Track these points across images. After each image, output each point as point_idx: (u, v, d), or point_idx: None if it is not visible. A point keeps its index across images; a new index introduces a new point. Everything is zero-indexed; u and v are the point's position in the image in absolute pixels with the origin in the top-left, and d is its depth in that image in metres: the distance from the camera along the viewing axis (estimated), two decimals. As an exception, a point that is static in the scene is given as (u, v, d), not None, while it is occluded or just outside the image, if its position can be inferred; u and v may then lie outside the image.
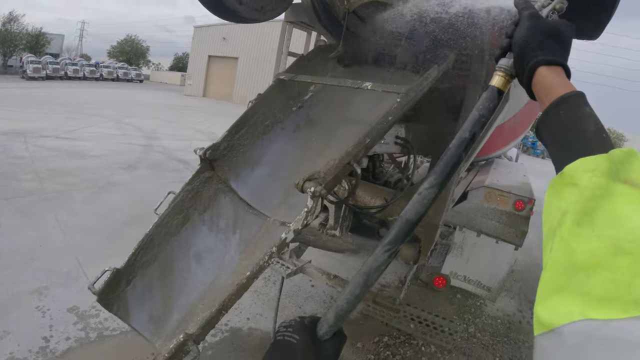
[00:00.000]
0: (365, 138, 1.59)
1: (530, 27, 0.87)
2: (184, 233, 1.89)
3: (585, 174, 0.59)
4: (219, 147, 2.05)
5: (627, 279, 0.47)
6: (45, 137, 10.11)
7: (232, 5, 2.76)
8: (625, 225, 0.51)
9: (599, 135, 0.68)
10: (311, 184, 1.39)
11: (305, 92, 2.40)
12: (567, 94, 0.75)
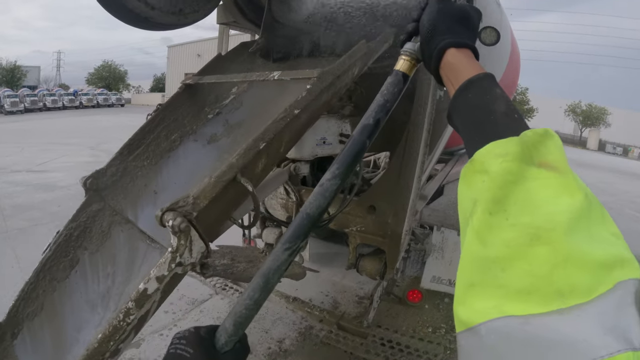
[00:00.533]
0: (258, 143, 1.25)
1: (439, 10, 0.85)
2: (73, 277, 1.62)
3: (496, 159, 0.55)
4: (105, 173, 1.76)
5: (546, 270, 0.44)
6: (15, 172, 9.93)
7: (142, 12, 2.46)
8: (541, 212, 0.48)
9: (511, 117, 0.64)
10: (172, 215, 1.07)
11: (226, 96, 2.07)
12: (476, 76, 0.72)
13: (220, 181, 1.17)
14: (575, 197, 0.48)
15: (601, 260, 0.43)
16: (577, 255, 0.43)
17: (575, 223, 0.46)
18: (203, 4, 2.76)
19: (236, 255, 2.23)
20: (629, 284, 0.43)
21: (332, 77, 1.48)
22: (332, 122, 2.09)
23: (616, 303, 0.41)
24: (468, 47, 0.79)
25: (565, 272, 0.43)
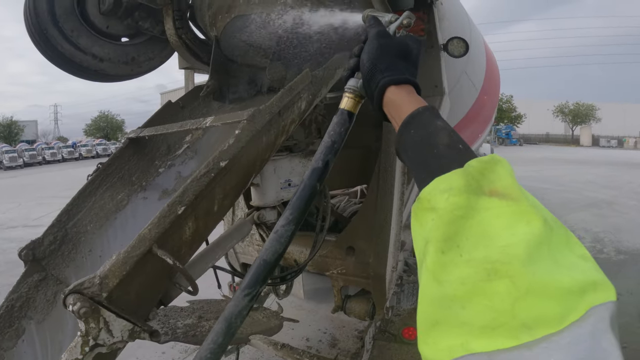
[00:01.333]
0: (175, 207, 1.10)
1: (378, 47, 0.86)
2: (20, 346, 1.53)
3: (442, 195, 0.53)
4: (42, 243, 1.64)
5: (508, 304, 0.41)
6: (12, 227, 10.02)
7: (91, 65, 2.39)
8: (496, 245, 0.45)
9: (455, 148, 0.62)
10: (72, 299, 1.00)
11: (179, 146, 1.94)
12: (416, 111, 0.72)
13: (132, 257, 1.05)
14: (532, 225, 0.46)
15: (569, 287, 0.41)
16: (539, 285, 0.41)
17: (535, 252, 0.44)
18: (159, 51, 2.66)
19: (206, 312, 2.08)
20: (603, 309, 0.41)
21: (269, 116, 1.33)
22: (296, 161, 1.96)
23: (589, 331, 0.39)
24: (408, 83, 0.80)
25: (528, 304, 0.41)
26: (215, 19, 2.13)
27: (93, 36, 2.40)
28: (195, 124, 1.54)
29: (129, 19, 2.48)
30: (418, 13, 2.15)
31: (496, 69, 4.60)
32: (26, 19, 2.30)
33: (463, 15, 3.07)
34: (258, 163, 1.33)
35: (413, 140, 0.69)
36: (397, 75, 0.81)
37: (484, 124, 5.04)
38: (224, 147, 1.21)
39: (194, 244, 1.21)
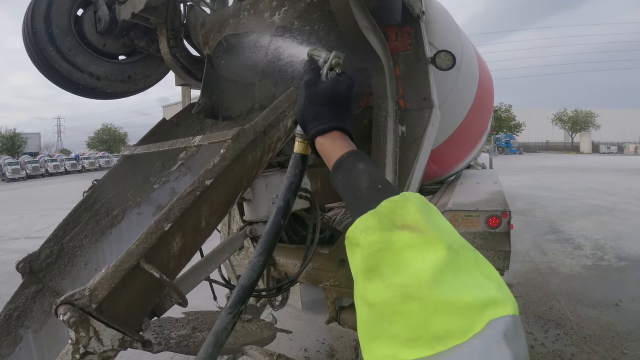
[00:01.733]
0: (162, 224, 1.15)
1: (305, 98, 0.91)
2: (18, 354, 1.62)
3: (361, 234, 0.61)
4: (39, 256, 1.71)
5: (422, 321, 0.49)
6: (14, 239, 10.02)
7: (88, 83, 2.45)
8: (408, 272, 0.53)
9: (374, 189, 0.70)
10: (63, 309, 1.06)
11: (173, 162, 1.98)
12: (341, 158, 0.80)
13: (120, 270, 1.11)
14: (437, 253, 0.53)
15: (471, 304, 0.48)
16: (445, 304, 0.49)
17: (440, 276, 0.51)
18: (155, 69, 2.72)
19: (201, 323, 2.10)
20: (500, 322, 0.47)
21: (254, 135, 1.37)
22: (287, 177, 1.98)
23: (485, 343, 0.45)
24: (334, 130, 0.85)
25: (438, 320, 0.48)
26: (207, 38, 2.19)
27: (90, 55, 2.46)
28: (185, 142, 1.58)
29: (125, 38, 2.54)
30: (406, 27, 2.20)
31: (490, 80, 4.63)
32: (25, 38, 2.36)
33: (453, 28, 3.12)
34: (245, 180, 1.37)
35: (341, 184, 0.77)
36: (323, 125, 0.86)
37: (479, 135, 5.06)
38: (209, 166, 1.25)
39: (182, 258, 1.25)
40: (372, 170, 0.74)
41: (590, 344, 3.87)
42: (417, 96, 2.13)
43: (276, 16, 1.81)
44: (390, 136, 2.08)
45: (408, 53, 2.16)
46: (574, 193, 13.82)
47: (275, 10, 1.82)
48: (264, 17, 1.85)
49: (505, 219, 3.43)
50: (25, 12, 2.36)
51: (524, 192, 13.87)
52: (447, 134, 3.39)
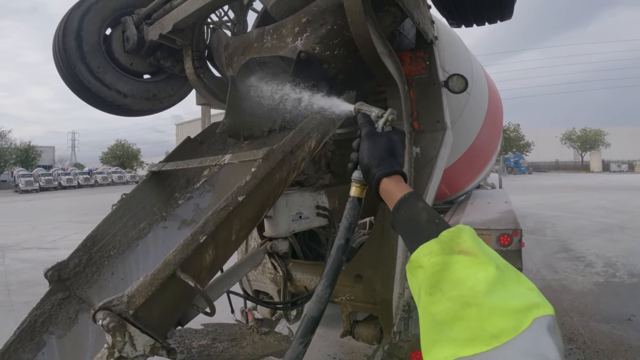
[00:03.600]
0: (197, 236, 1.22)
1: (368, 147, 1.07)
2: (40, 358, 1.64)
3: (425, 257, 0.76)
4: (67, 265, 1.77)
5: (478, 323, 0.62)
6: (26, 249, 10.15)
7: (115, 100, 2.55)
8: (465, 286, 0.67)
9: (432, 222, 0.85)
10: (102, 314, 1.12)
11: (197, 179, 2.07)
12: (403, 197, 0.95)
13: (157, 279, 1.17)
14: (488, 271, 0.67)
15: (518, 307, 0.61)
16: (497, 309, 0.62)
17: (492, 287, 0.65)
18: (178, 88, 2.84)
19: (220, 334, 2.16)
20: (543, 319, 0.60)
21: (282, 155, 1.46)
22: (307, 195, 2.06)
23: (533, 335, 0.58)
24: (396, 173, 1.02)
25: (492, 321, 0.61)
26: (231, 60, 2.28)
27: (118, 73, 2.57)
28: (214, 160, 1.66)
29: (151, 58, 2.66)
30: (420, 52, 2.29)
31: (499, 101, 4.70)
32: (55, 54, 2.47)
33: (463, 52, 3.21)
34: (272, 197, 1.45)
35: (402, 218, 0.92)
36: (387, 169, 1.02)
37: (489, 155, 5.12)
38: (242, 183, 1.33)
39: (212, 269, 1.32)
40: (429, 208, 0.90)
41: (602, 357, 3.89)
42: (431, 118, 2.20)
43: (298, 41, 1.90)
44: (405, 157, 2.15)
45: (422, 77, 2.25)
46: (584, 211, 13.76)
47: (297, 35, 1.91)
48: (286, 42, 1.95)
49: (517, 237, 3.48)
50: (56, 29, 2.47)
51: (534, 211, 13.83)
52: (457, 155, 3.46)
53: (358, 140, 1.12)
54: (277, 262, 2.39)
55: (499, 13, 1.86)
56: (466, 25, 1.94)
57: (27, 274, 7.59)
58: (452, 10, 1.81)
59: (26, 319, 1.70)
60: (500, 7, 1.82)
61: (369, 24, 1.64)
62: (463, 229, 0.78)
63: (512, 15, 1.89)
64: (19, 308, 5.71)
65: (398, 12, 1.85)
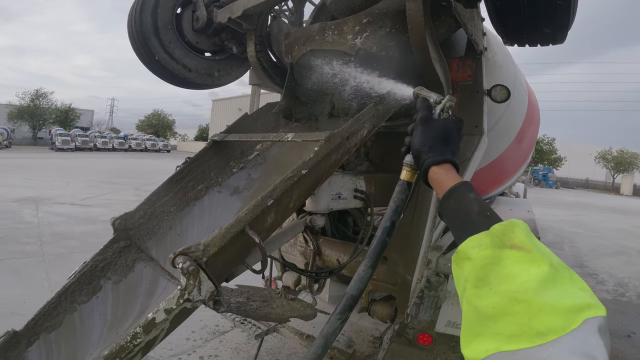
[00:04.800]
0: (266, 199, 1.41)
1: (422, 132, 1.06)
2: (94, 302, 1.76)
3: (474, 250, 0.74)
4: (134, 216, 1.94)
5: (526, 319, 0.60)
6: (60, 203, 10.41)
7: (180, 73, 2.79)
8: (516, 281, 0.65)
9: (483, 215, 0.83)
10: (182, 259, 1.23)
11: (251, 151, 2.29)
12: (454, 187, 0.93)
13: (230, 232, 1.32)
14: (541, 268, 0.66)
15: (569, 307, 0.60)
16: (547, 306, 0.60)
17: (543, 285, 0.63)
18: (236, 67, 3.07)
19: (252, 295, 2.39)
20: (594, 320, 0.59)
21: (340, 139, 1.64)
22: (347, 178, 2.23)
23: (583, 334, 0.57)
24: (447, 162, 1.01)
25: (540, 319, 0.59)
26: (291, 48, 2.49)
27: (185, 49, 2.81)
28: (278, 137, 1.88)
29: (216, 38, 2.89)
30: (468, 61, 2.45)
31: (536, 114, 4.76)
32: (130, 27, 2.72)
33: (509, 63, 3.33)
34: (325, 175, 1.65)
35: (452, 208, 0.91)
36: (438, 157, 1.01)
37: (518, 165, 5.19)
38: (306, 159, 1.52)
39: (270, 231, 1.52)
40: (480, 200, 0.88)
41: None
42: (470, 123, 2.35)
43: (358, 39, 2.10)
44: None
45: (467, 83, 2.41)
46: (605, 232, 13.54)
47: (357, 34, 2.11)
48: (347, 39, 2.14)
49: (534, 243, 3.60)
50: (134, 4, 2.70)
51: (555, 225, 13.68)
52: (487, 161, 3.58)
53: (413, 125, 1.10)
54: (309, 236, 2.61)
55: (553, 38, 1.93)
56: (519, 45, 2.04)
57: (60, 227, 7.86)
58: (509, 31, 1.91)
59: (88, 263, 1.83)
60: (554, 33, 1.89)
61: (426, 32, 1.82)
62: (516, 224, 0.75)
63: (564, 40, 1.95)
64: (49, 259, 5.95)
65: (453, 22, 2.01)
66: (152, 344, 1.30)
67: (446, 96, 1.12)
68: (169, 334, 1.34)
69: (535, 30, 1.87)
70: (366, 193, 2.26)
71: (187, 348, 3.77)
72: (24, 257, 5.97)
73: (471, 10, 2.09)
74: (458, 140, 1.08)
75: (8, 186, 12.50)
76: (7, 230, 7.27)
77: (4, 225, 7.60)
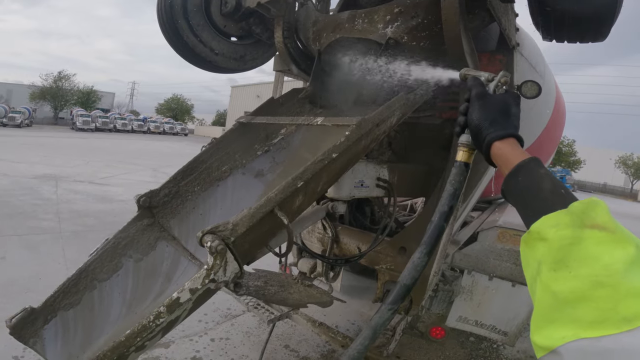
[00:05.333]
0: (296, 181, 1.40)
1: (480, 107, 1.00)
2: (114, 280, 1.75)
3: (550, 229, 0.68)
4: (158, 194, 1.94)
5: (611, 305, 0.56)
6: (78, 181, 10.60)
7: (207, 56, 2.81)
8: (599, 264, 0.60)
9: (557, 192, 0.77)
10: (211, 237, 1.21)
11: (275, 135, 2.30)
12: (522, 162, 0.86)
13: (259, 212, 1.30)
14: (627, 249, 0.61)
15: None
16: (635, 290, 0.56)
17: (630, 268, 0.58)
18: (262, 53, 3.08)
19: (270, 279, 2.41)
20: None
21: (371, 125, 1.63)
22: (371, 166, 2.22)
23: None
24: (510, 136, 0.95)
25: (628, 303, 0.55)
26: (319, 35, 2.49)
27: (213, 32, 2.83)
28: (306, 120, 1.88)
29: (244, 22, 2.90)
30: (499, 55, 2.42)
31: (562, 114, 4.68)
32: (160, 9, 2.74)
33: (539, 60, 3.28)
34: (353, 160, 1.65)
35: (520, 186, 0.84)
36: (500, 131, 0.95)
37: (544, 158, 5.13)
38: (337, 142, 1.51)
39: (297, 213, 1.53)
40: (553, 176, 0.81)
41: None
42: (497, 117, 2.33)
43: (388, 28, 2.08)
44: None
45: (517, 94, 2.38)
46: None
47: (388, 23, 2.09)
48: (377, 27, 2.13)
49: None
50: None
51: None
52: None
53: (465, 105, 1.05)
54: (328, 223, 2.63)
55: (594, 35, 1.89)
56: (557, 41, 2.00)
57: (78, 204, 7.99)
58: (550, 26, 1.87)
59: (110, 240, 1.83)
60: (597, 30, 1.85)
61: (460, 24, 1.80)
62: (597, 202, 0.69)
63: (605, 38, 1.90)
64: (67, 236, 6.04)
65: (487, 16, 1.99)
66: (173, 324, 1.30)
67: (500, 72, 1.05)
68: (190, 314, 1.34)
69: (578, 26, 1.83)
70: (389, 182, 2.26)
71: (199, 330, 3.83)
72: (41, 233, 6.08)
73: (505, 5, 2.06)
74: (518, 114, 1.01)
75: (29, 163, 12.75)
76: (26, 206, 7.41)
77: (23, 201, 7.75)
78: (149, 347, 1.32)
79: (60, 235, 6.08)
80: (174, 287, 1.60)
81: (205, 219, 1.99)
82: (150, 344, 1.30)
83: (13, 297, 3.96)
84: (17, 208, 7.24)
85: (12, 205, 7.41)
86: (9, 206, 7.30)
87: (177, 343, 3.51)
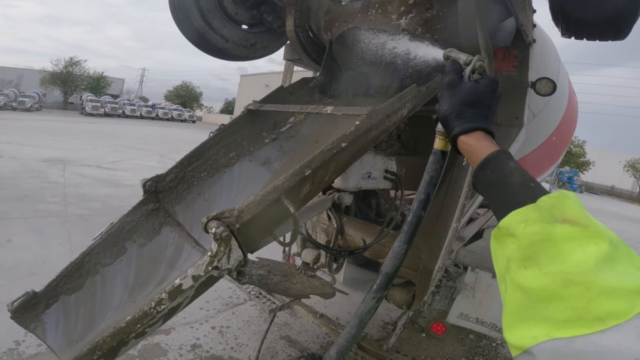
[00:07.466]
0: (304, 169, 1.38)
1: (448, 97, 0.96)
2: (117, 265, 1.75)
3: (519, 225, 0.66)
4: (164, 178, 1.93)
5: (583, 304, 0.54)
6: (86, 165, 10.65)
7: (218, 43, 2.78)
8: (570, 260, 0.58)
9: (527, 186, 0.74)
10: (216, 223, 1.18)
11: (284, 124, 2.28)
12: (490, 155, 0.83)
13: (265, 200, 1.28)
14: (599, 245, 0.58)
15: (632, 289, 0.53)
16: (608, 289, 0.53)
17: (602, 265, 0.56)
18: (273, 41, 3.05)
19: (273, 269, 2.40)
20: None
21: (382, 116, 1.59)
22: (379, 158, 2.20)
23: None
24: (476, 130, 0.91)
25: (600, 302, 0.53)
26: (331, 25, 2.46)
27: (224, 19, 2.80)
28: (316, 109, 1.86)
29: (255, 10, 2.87)
30: (514, 51, 2.38)
31: (575, 114, 4.62)
32: None
33: (555, 58, 3.23)
34: (362, 151, 1.62)
35: (488, 180, 0.82)
36: (465, 125, 0.91)
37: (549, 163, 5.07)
38: (347, 132, 1.48)
39: (303, 202, 1.51)
40: (522, 169, 0.79)
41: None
42: (510, 114, 2.30)
43: (402, 19, 2.05)
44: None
45: (510, 74, 2.34)
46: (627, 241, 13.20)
47: (402, 15, 2.06)
48: (390, 18, 2.10)
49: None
50: None
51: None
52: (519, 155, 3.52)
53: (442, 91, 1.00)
54: (333, 214, 2.61)
55: (614, 33, 1.86)
56: (576, 38, 1.97)
57: (85, 188, 8.02)
58: (570, 23, 1.84)
59: (115, 225, 1.80)
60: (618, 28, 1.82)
61: (477, 18, 1.77)
62: (567, 195, 0.67)
63: (626, 37, 1.86)
64: (73, 220, 6.06)
65: (504, 10, 1.95)
66: (174, 311, 1.28)
67: (475, 56, 1.00)
68: (192, 302, 1.32)
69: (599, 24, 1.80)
70: (397, 175, 2.24)
71: (200, 317, 3.85)
72: (48, 216, 6.11)
73: (523, 0, 2.02)
74: (492, 103, 0.96)
75: (37, 146, 12.82)
76: (34, 189, 7.46)
77: (31, 184, 7.80)
78: (150, 333, 1.32)
79: (67, 219, 6.10)
80: (177, 274, 1.62)
81: (211, 205, 1.99)
82: (150, 330, 1.29)
83: (17, 280, 3.98)
84: (25, 191, 7.27)
85: (20, 188, 7.45)
86: (17, 189, 7.33)
87: (178, 330, 3.53)
